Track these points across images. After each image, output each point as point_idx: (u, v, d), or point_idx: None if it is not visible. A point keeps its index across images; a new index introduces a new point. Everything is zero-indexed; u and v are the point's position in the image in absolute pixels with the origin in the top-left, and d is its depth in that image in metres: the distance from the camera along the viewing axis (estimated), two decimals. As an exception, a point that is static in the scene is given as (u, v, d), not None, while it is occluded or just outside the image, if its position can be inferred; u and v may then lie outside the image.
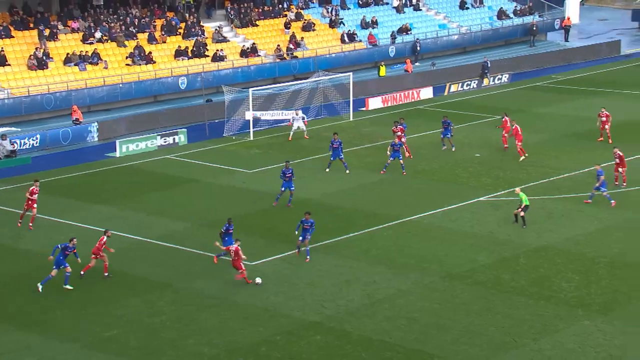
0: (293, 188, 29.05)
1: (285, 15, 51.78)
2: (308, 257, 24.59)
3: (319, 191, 31.22)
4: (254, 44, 48.68)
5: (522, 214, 27.25)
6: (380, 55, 51.49)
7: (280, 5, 52.45)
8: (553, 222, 27.37)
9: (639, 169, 32.13)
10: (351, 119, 41.47)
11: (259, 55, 48.35)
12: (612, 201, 28.34)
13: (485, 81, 47.55)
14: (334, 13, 53.20)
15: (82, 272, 23.38)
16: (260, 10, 51.48)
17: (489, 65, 48.41)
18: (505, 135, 34.95)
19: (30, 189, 27.11)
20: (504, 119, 35.48)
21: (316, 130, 40.14)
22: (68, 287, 22.75)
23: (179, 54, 45.94)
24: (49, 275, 22.78)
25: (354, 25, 53.25)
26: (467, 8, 58.37)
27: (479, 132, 38.58)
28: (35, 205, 26.84)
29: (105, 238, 23.51)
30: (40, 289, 22.69)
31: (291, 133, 38.29)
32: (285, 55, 48.90)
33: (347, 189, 31.36)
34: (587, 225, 26.92)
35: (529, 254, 25.03)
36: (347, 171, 32.52)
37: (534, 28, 57.53)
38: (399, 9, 56.00)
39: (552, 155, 34.26)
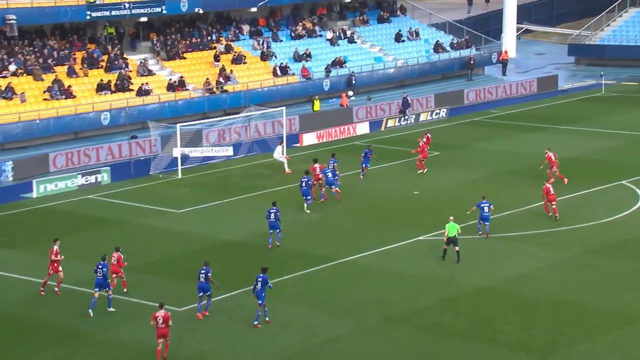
0: (279, 229, 28.99)
1: (215, 48, 51.96)
2: (267, 318, 23.35)
3: (248, 231, 31.15)
4: (181, 77, 48.61)
5: (456, 248, 27.76)
6: (315, 89, 52.05)
7: (208, 37, 52.61)
8: (494, 261, 27.88)
9: (576, 207, 33.07)
10: (284, 154, 41.58)
11: (187, 89, 48.27)
12: (487, 233, 29.76)
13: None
14: (265, 45, 53.64)
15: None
16: (188, 42, 51.53)
17: (409, 101, 48.78)
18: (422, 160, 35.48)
19: (54, 249, 25.66)
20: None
21: (247, 167, 40.16)
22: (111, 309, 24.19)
23: (101, 88, 45.52)
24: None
25: (286, 58, 53.75)
26: (403, 41, 59.64)
27: (417, 169, 39.13)
28: (60, 268, 25.55)
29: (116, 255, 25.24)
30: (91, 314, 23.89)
31: (285, 166, 38.01)
32: (214, 89, 48.95)
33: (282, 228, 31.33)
34: (528, 264, 27.50)
35: (470, 294, 25.39)
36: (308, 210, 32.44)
37: (472, 62, 59.07)
38: (333, 42, 56.83)
39: (492, 192, 35.00)
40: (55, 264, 25.53)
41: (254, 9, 54.21)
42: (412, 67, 57.26)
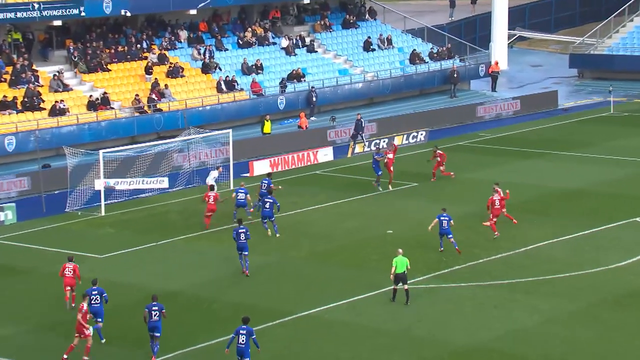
0: (247, 252, 30.95)
1: (146, 58, 52.06)
2: None
3: (187, 280, 31.08)
4: (105, 93, 48.57)
5: (405, 287, 28.14)
6: (267, 107, 52.32)
7: (138, 45, 52.69)
8: (484, 314, 28.10)
9: (580, 249, 33.56)
10: (231, 187, 41.70)
11: (112, 108, 48.22)
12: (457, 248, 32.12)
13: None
14: (207, 55, 53.87)
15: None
16: (113, 51, 51.56)
17: (364, 125, 48.81)
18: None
19: (71, 266, 28.88)
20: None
21: (186, 202, 40.18)
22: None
23: (5, 106, 45.28)
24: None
25: (233, 71, 54.03)
26: (373, 50, 60.31)
27: (392, 204, 39.51)
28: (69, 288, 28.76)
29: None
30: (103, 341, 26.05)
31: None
32: (145, 108, 48.96)
33: (224, 276, 31.34)
34: (525, 318, 27.76)
35: (455, 355, 25.51)
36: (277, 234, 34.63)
37: (455, 75, 59.90)
38: (289, 51, 57.28)
39: (481, 232, 35.38)
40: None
41: (193, 11, 54.49)
42: (384, 81, 57.89)
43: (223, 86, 52.12)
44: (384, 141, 49.51)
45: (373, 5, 64.34)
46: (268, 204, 35.24)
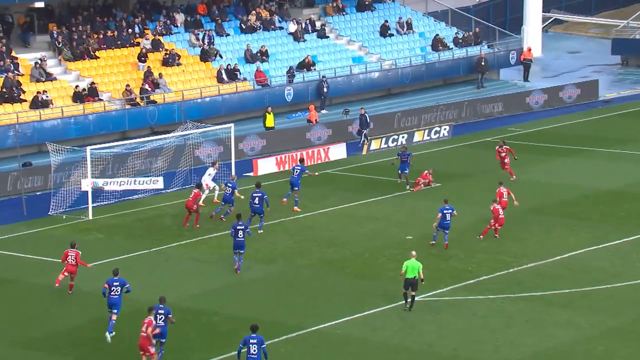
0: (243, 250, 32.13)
1: (138, 44, 52.12)
2: None
3: (183, 291, 31.08)
4: (92, 83, 48.64)
5: (412, 293, 28.60)
6: (273, 99, 52.32)
7: (129, 30, 52.76)
8: (514, 330, 28.02)
9: (623, 257, 33.42)
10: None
11: (100, 100, 48.28)
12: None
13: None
14: (206, 40, 53.89)
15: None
16: (102, 36, 51.63)
17: (369, 120, 48.84)
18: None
19: (73, 254, 30.77)
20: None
21: (182, 205, 40.14)
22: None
23: (-17, 97, 45.44)
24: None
25: (235, 58, 54.04)
26: (391, 35, 60.23)
27: (411, 206, 39.43)
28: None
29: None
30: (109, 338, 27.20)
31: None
32: (138, 100, 49.01)
33: (224, 287, 31.32)
34: (561, 334, 27.67)
35: (482, 375, 25.55)
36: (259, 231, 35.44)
37: (483, 63, 59.79)
38: (297, 36, 57.26)
39: (512, 239, 35.28)
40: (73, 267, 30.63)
41: (191, -8, 54.61)
42: (403, 70, 57.83)
43: (224, 75, 52.13)
44: (403, 137, 49.44)
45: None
46: (257, 198, 35.47)
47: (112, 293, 27.69)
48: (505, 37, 64.72)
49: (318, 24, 58.81)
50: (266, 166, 44.91)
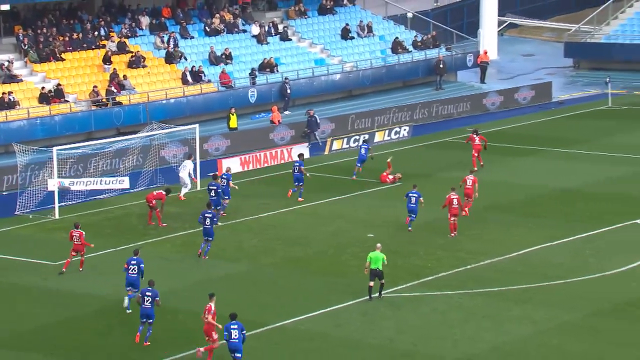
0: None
1: (104, 46, 51.76)
2: None
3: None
4: (58, 85, 48.25)
5: (382, 282, 28.99)
6: (237, 100, 52.18)
7: (95, 33, 52.41)
8: (472, 325, 28.09)
9: (577, 254, 33.63)
10: (198, 187, 41.51)
11: (66, 101, 47.92)
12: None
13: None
14: (171, 43, 53.65)
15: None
16: (68, 38, 51.24)
17: (318, 121, 48.68)
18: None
19: (77, 234, 32.12)
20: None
21: (145, 204, 39.92)
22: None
23: (-50, 98, 44.92)
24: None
25: (199, 60, 53.83)
26: (352, 38, 60.29)
27: (373, 205, 39.46)
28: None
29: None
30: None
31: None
32: (104, 101, 48.67)
33: (190, 285, 31.16)
34: (517, 329, 27.76)
35: (442, 369, 25.59)
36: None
37: (441, 65, 60.00)
38: (260, 39, 57.15)
39: (471, 236, 35.41)
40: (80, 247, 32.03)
41: (156, -4, 54.35)
42: (363, 72, 57.90)
43: (189, 77, 51.90)
44: (364, 137, 49.45)
45: (352, -11, 64.36)
46: (212, 191, 36.70)
47: (129, 272, 28.44)
48: (463, 41, 65.00)
49: (281, 27, 58.74)
50: (230, 166, 44.65)
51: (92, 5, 53.88)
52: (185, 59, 53.32)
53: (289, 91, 53.71)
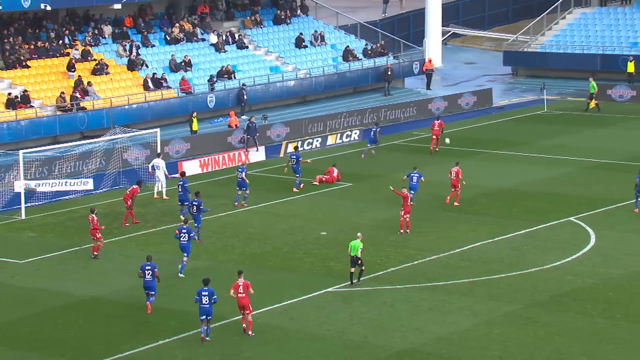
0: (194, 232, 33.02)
1: (68, 54, 51.22)
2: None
3: (113, 285, 30.61)
4: (24, 91, 47.66)
5: (362, 268, 29.61)
6: (196, 105, 51.91)
7: (60, 41, 51.85)
8: (419, 317, 28.20)
9: (516, 250, 33.88)
10: (156, 190, 41.21)
11: (32, 107, 47.35)
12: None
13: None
14: (133, 51, 53.22)
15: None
16: (33, 46, 50.64)
17: (256, 127, 48.07)
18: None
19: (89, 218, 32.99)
20: None
21: (111, 204, 39.59)
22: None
23: None
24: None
25: (160, 68, 53.47)
26: (306, 47, 60.25)
27: (326, 204, 39.47)
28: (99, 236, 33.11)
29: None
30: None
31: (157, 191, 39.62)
32: (68, 106, 48.18)
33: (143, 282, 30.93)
34: (461, 320, 27.93)
35: (390, 359, 25.53)
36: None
37: (389, 72, 60.15)
38: (218, 47, 56.91)
39: (418, 233, 35.53)
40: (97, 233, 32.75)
41: (117, 6, 53.84)
42: (316, 78, 57.88)
43: (150, 84, 51.54)
44: (317, 140, 49.48)
45: (305, 0, 64.27)
46: (180, 186, 36.86)
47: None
48: (409, 49, 65.22)
49: (237, 36, 58.52)
50: (191, 168, 44.52)
51: (57, 14, 53.30)
52: (147, 66, 52.94)
53: (245, 97, 53.53)
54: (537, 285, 30.33)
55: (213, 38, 57.07)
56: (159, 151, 42.31)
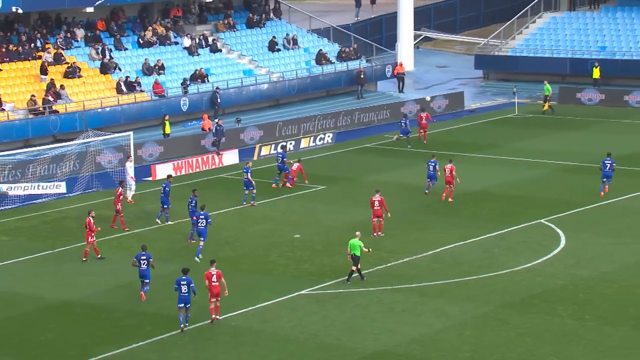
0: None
1: (40, 57, 50.96)
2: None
3: (86, 288, 30.52)
4: (-3, 94, 47.40)
5: (354, 268, 30.05)
6: (170, 109, 51.79)
7: (32, 44, 51.56)
8: (392, 319, 28.30)
9: (487, 252, 34.05)
10: (133, 191, 41.09)
11: (3, 110, 47.08)
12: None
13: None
14: (106, 55, 53.03)
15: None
16: (4, 49, 50.33)
17: (223, 130, 47.84)
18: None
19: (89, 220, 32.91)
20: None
21: (84, 208, 39.43)
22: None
23: None
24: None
25: (133, 71, 53.31)
26: (279, 50, 60.28)
27: (299, 207, 39.51)
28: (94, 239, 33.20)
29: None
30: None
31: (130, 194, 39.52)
32: (41, 110, 47.92)
33: (125, 284, 30.86)
34: (433, 322, 28.06)
35: (364, 361, 25.68)
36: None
37: (362, 76, 60.30)
38: (191, 50, 56.82)
39: (391, 236, 35.63)
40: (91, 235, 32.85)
41: (89, 9, 53.62)
42: (290, 82, 57.93)
43: (123, 87, 51.37)
44: (291, 143, 49.54)
45: (278, 4, 64.31)
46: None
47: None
48: (382, 53, 65.40)
49: (211, 39, 58.47)
50: (164, 171, 44.39)
51: (29, 18, 53.00)
52: (120, 70, 52.76)
53: (219, 100, 53.49)
54: (508, 287, 30.53)
55: (186, 41, 56.97)
56: (129, 157, 42.13)
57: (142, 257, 29.27)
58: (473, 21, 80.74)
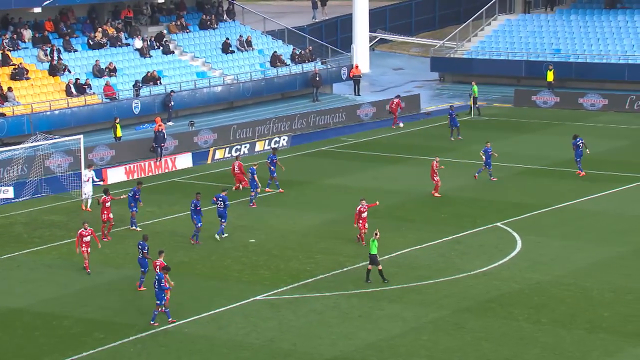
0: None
1: (-13, 58, 50.39)
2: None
3: (33, 296, 30.17)
4: (-57, 96, 46.75)
5: (369, 267, 30.66)
6: (121, 111, 51.46)
7: (-22, 46, 50.99)
8: (349, 324, 28.35)
9: (443, 256, 34.26)
10: (83, 196, 40.74)
11: (-50, 112, 46.48)
12: None
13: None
14: (55, 56, 52.53)
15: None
16: (-49, 50, 49.72)
17: (164, 136, 47.05)
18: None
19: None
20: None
21: (33, 213, 39.05)
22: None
23: None
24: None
25: (83, 73, 52.89)
26: (232, 52, 60.16)
27: (255, 212, 39.43)
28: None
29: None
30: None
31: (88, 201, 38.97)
32: (-12, 112, 47.39)
33: (75, 291, 30.58)
34: (390, 327, 28.15)
35: (320, 367, 25.71)
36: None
37: (317, 78, 60.38)
38: (143, 52, 56.49)
39: (347, 240, 35.70)
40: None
41: (37, 9, 53.13)
42: (244, 84, 57.83)
43: (73, 89, 50.93)
44: (245, 147, 49.42)
45: (232, 5, 64.20)
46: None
47: (219, 206, 34.29)
48: (337, 55, 65.55)
49: (163, 41, 58.16)
50: (116, 175, 44.12)
51: (-26, 18, 52.42)
52: (69, 72, 52.31)
53: (172, 103, 53.24)
54: (464, 291, 30.72)
55: (138, 43, 56.63)
56: (80, 161, 41.64)
57: (139, 248, 30.91)
58: (429, 23, 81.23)
